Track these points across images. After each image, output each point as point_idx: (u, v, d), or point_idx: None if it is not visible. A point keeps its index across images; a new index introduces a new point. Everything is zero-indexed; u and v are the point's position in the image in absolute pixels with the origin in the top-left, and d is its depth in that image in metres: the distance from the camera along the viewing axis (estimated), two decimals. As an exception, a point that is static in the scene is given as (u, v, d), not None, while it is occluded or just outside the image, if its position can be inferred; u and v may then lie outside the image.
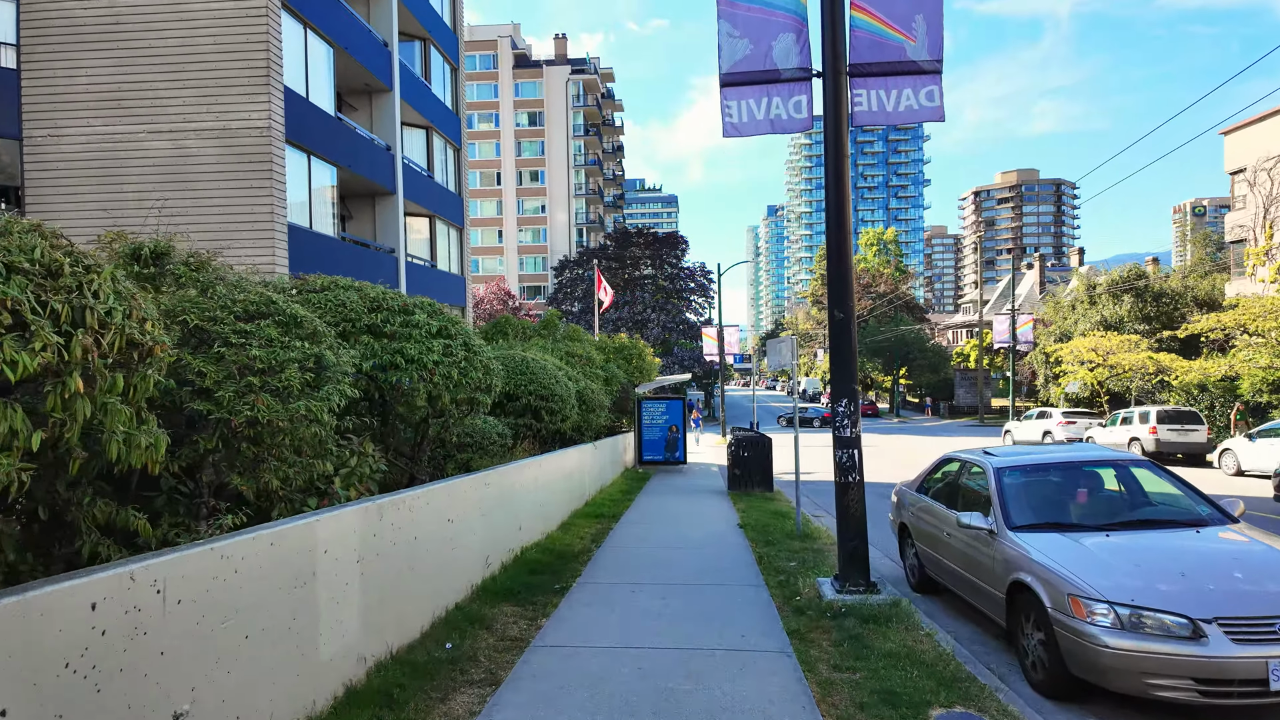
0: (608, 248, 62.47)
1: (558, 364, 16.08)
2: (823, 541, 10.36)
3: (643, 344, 24.26)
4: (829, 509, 14.96)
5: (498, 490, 8.11)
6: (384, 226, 21.77)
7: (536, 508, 10.01)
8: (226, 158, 15.35)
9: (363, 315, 7.01)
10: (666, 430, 22.47)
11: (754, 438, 16.61)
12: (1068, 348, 34.29)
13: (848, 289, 7.01)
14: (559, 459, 11.89)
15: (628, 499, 15.30)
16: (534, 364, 13.12)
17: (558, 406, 13.09)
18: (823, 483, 19.16)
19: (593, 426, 15.80)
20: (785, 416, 52.90)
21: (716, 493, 16.63)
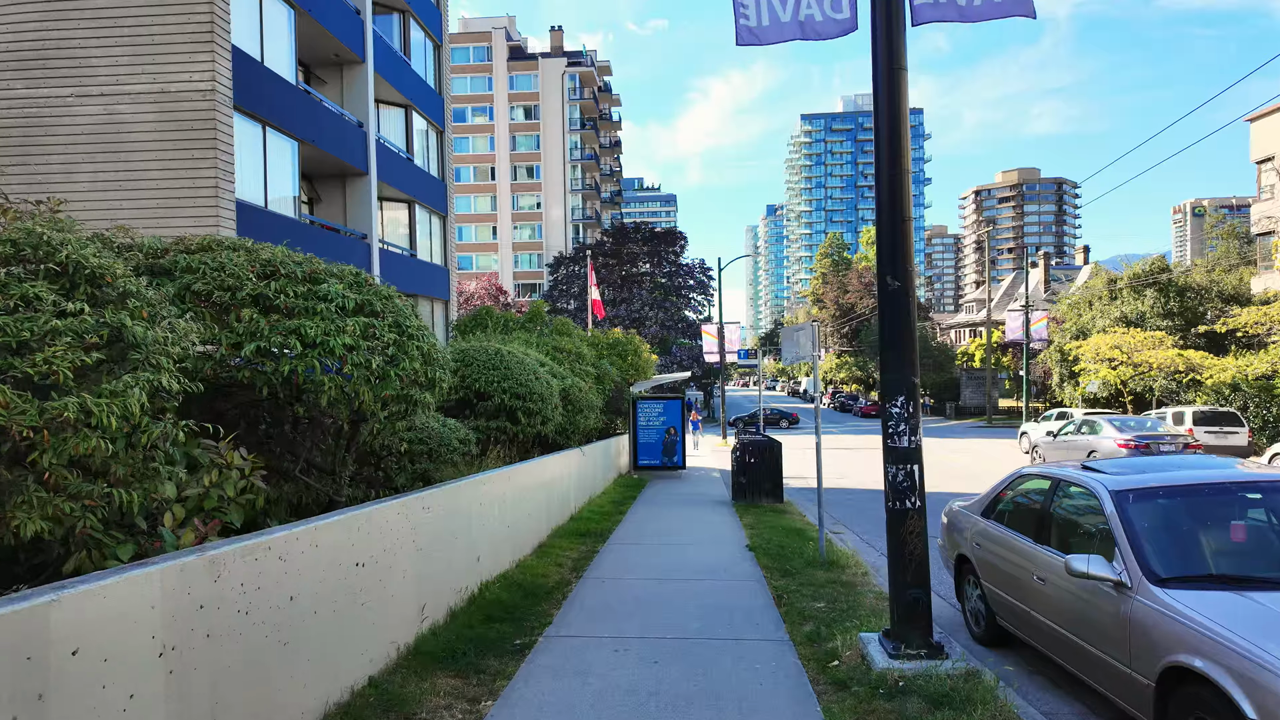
0: (605, 244, 60.69)
1: (541, 359, 14.28)
2: (853, 571, 8.54)
3: (638, 339, 22.47)
4: (847, 523, 13.16)
5: (442, 514, 6.29)
6: (356, 210, 19.95)
7: (504, 530, 8.20)
8: (165, 124, 13.53)
9: (247, 283, 5.19)
10: (664, 433, 20.67)
11: (762, 442, 14.82)
12: (1088, 345, 32.53)
13: (905, 248, 5.21)
14: (536, 468, 10.08)
15: (619, 512, 13.50)
16: (509, 358, 11.31)
17: (537, 406, 11.29)
18: (832, 491, 17.38)
19: (581, 429, 14.01)
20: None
21: (719, 503, 14.82)
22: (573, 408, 13.56)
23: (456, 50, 72.39)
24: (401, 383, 5.66)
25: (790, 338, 9.47)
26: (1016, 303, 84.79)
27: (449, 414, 11.16)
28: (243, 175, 14.65)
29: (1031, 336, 37.42)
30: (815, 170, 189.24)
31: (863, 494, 17.29)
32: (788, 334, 9.58)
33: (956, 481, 18.88)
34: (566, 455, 12.29)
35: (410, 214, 23.12)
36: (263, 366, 4.97)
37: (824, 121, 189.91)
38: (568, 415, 13.45)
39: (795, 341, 9.34)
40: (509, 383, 10.97)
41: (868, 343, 68.91)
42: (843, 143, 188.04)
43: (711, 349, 40.18)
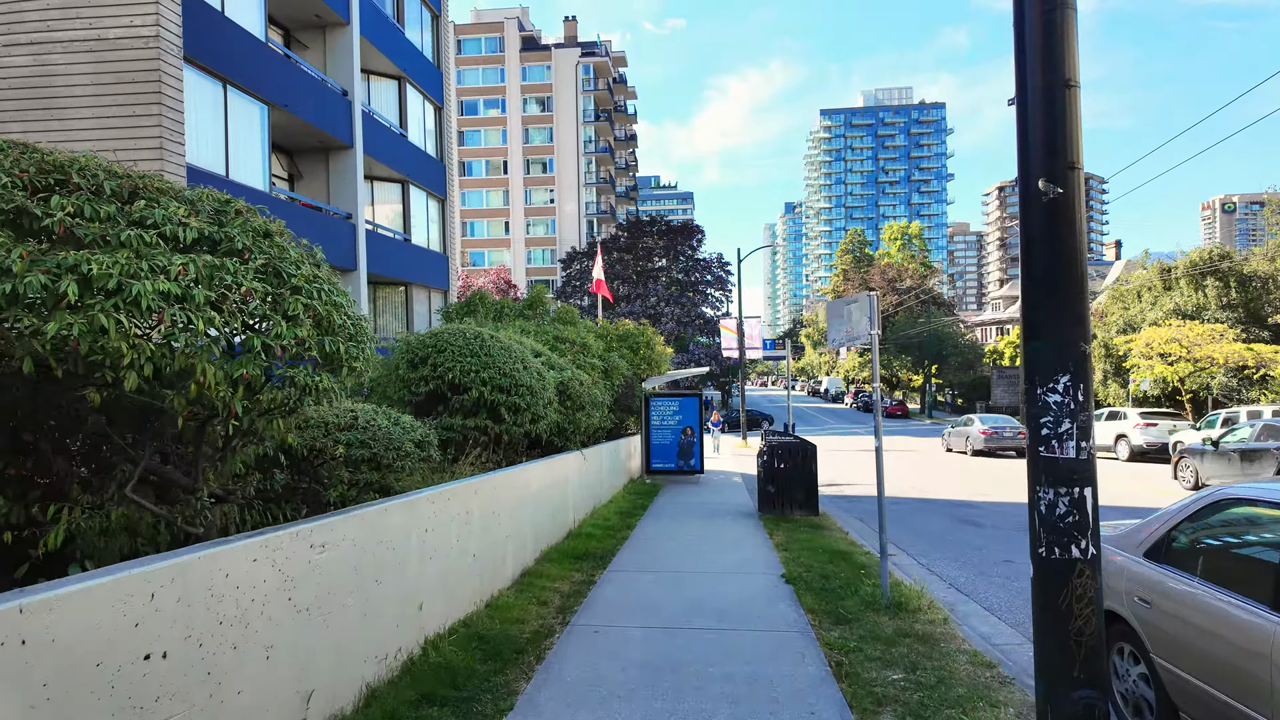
0: (619, 238, 58.74)
1: (538, 348, 12.33)
2: (927, 618, 6.47)
3: (651, 331, 20.47)
4: (893, 538, 10.81)
5: (352, 551, 4.34)
6: (340, 187, 18.13)
7: (467, 562, 6.25)
8: (103, 76, 11.73)
9: (14, 192, 3.24)
10: (679, 433, 18.65)
11: (792, 444, 12.76)
12: (1140, 339, 30.07)
13: (1069, 129, 3.20)
14: (517, 478, 8.10)
15: (627, 526, 11.50)
16: (491, 343, 9.35)
17: (525, 401, 9.32)
18: (866, 498, 15.03)
19: (582, 429, 12.04)
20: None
21: (743, 515, 12.78)
22: (572, 404, 11.59)
23: (468, 41, 70.96)
24: (275, 357, 3.71)
25: (839, 313, 7.41)
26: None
27: (419, 410, 9.24)
28: (198, 138, 12.84)
29: (1073, 331, 34.97)
30: (835, 166, 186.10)
31: (903, 502, 15.17)
32: (835, 308, 7.52)
33: (1022, 489, 16.71)
34: (562, 460, 10.31)
35: (404, 195, 21.29)
36: (17, 325, 3.03)
37: (844, 117, 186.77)
38: (566, 413, 11.48)
39: (846, 317, 7.29)
40: (489, 372, 9.02)
41: (893, 340, 66.38)
42: (863, 138, 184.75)
43: (730, 345, 38.09)
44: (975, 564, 9.47)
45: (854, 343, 7.24)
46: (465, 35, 72.32)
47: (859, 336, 7.10)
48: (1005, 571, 9.01)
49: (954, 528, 12.23)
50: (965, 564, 9.50)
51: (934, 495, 16.52)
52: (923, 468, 23.01)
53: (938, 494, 16.71)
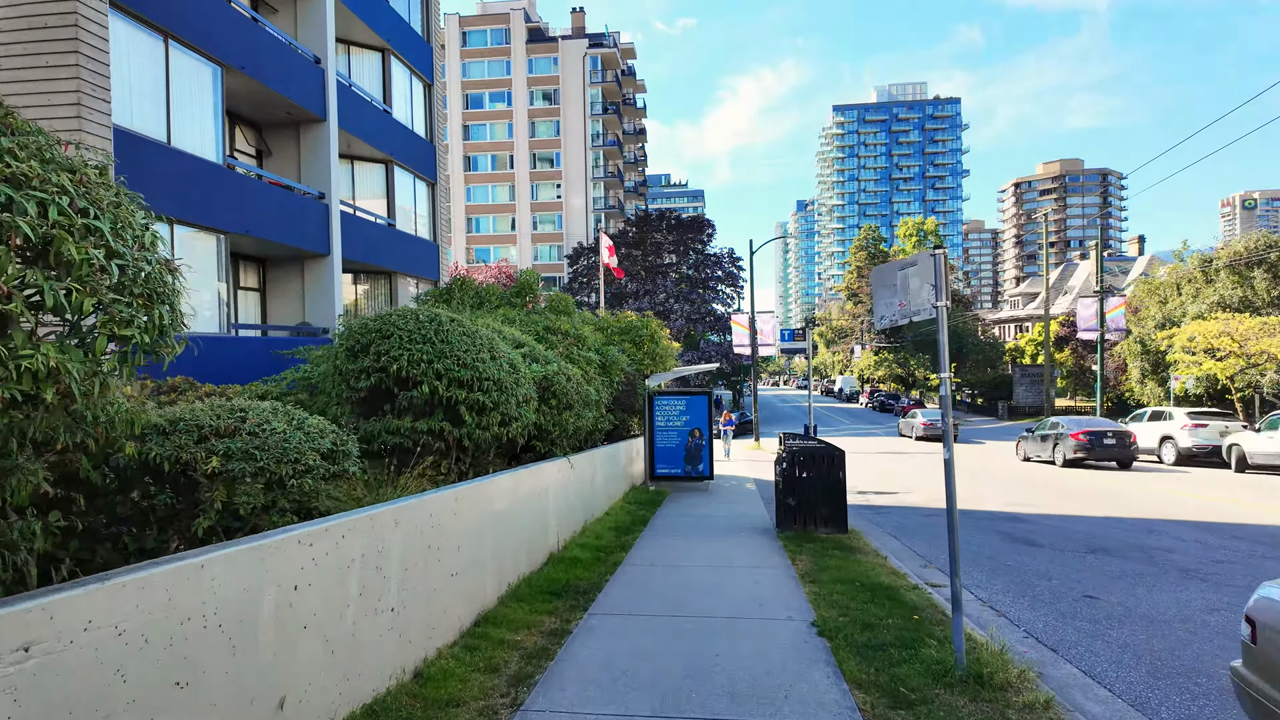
0: (628, 233, 56.99)
1: (519, 337, 10.61)
2: (1025, 700, 4.63)
3: (655, 323, 18.68)
4: (943, 564, 8.94)
5: (106, 651, 2.56)
6: (312, 164, 16.46)
7: (374, 623, 4.50)
8: (14, 21, 10.09)
9: None
10: (686, 435, 16.87)
11: (816, 450, 10.95)
12: (1182, 334, 27.99)
13: None
14: (473, 496, 6.34)
15: (622, 546, 9.74)
16: (451, 327, 7.62)
17: (492, 398, 7.58)
18: (899, 510, 13.67)
19: (571, 431, 10.29)
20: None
21: (759, 532, 10.99)
22: (558, 402, 9.84)
23: (473, 34, 69.47)
24: None
25: (889, 280, 5.59)
26: (1066, 296, 79.32)
27: (362, 411, 7.53)
28: (130, 97, 11.20)
29: (1107, 326, 32.86)
30: (848, 163, 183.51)
31: (941, 515, 13.28)
32: (885, 274, 5.71)
33: (1097, 502, 14.79)
34: (540, 470, 8.55)
35: (388, 176, 19.61)
36: None
37: (857, 113, 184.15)
38: (550, 412, 9.73)
39: (899, 286, 5.48)
40: (445, 363, 7.27)
41: (909, 338, 64.29)
42: (876, 134, 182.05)
43: (742, 341, 36.26)
44: (1049, 601, 7.63)
45: (910, 318, 5.44)
46: (470, 27, 70.79)
47: (919, 310, 5.30)
48: (1091, 612, 7.17)
49: (1009, 548, 10.39)
50: (1037, 600, 7.67)
51: (974, 505, 14.65)
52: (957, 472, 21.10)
53: (977, 503, 14.84)
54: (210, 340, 12.60)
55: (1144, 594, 7.79)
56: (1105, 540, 10.80)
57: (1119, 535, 11.22)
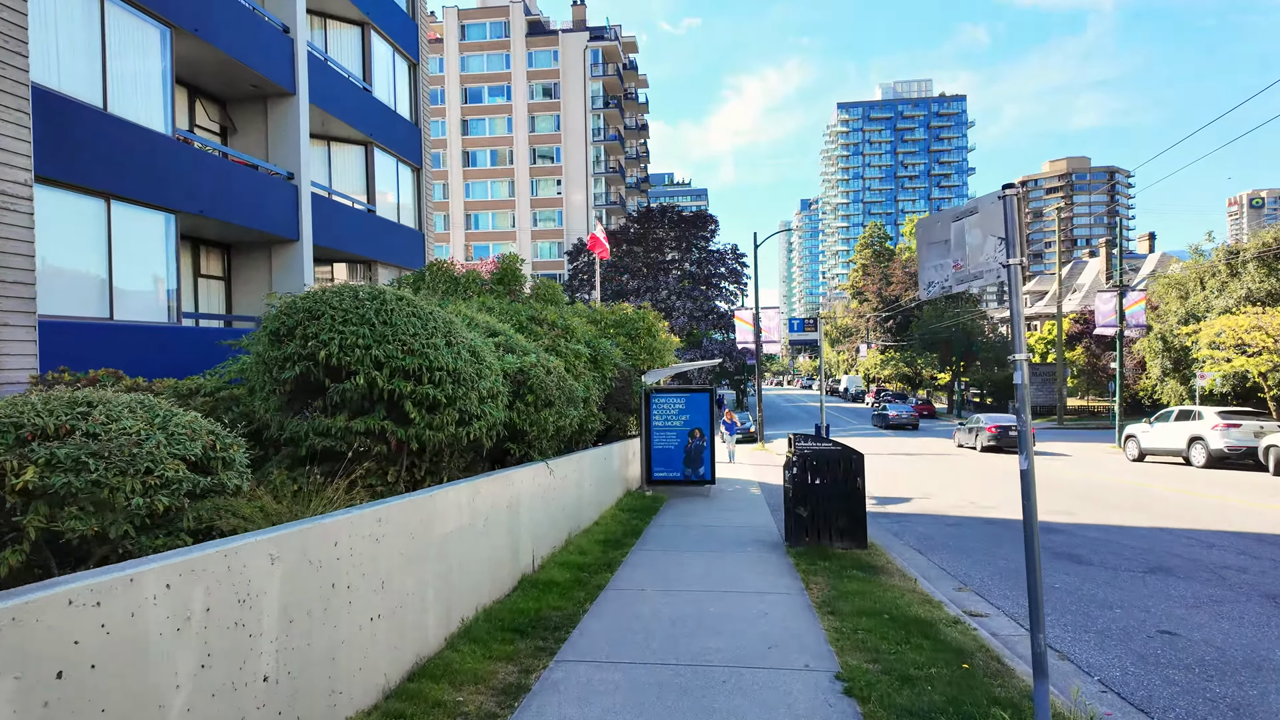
0: (629, 229, 55.72)
1: (494, 325, 9.36)
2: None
3: (654, 315, 17.38)
4: (984, 586, 7.50)
5: None
6: (280, 142, 15.19)
7: (248, 699, 3.20)
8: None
9: None
10: (686, 436, 15.58)
11: (831, 453, 9.63)
12: (1208, 330, 26.60)
13: None
14: (406, 515, 5.03)
15: (607, 566, 8.44)
16: (395, 305, 6.34)
17: (447, 393, 6.30)
18: (922, 518, 12.02)
19: (551, 431, 8.99)
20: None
21: (766, 547, 9.68)
22: (535, 398, 8.55)
23: (471, 26, 68.32)
24: None
25: (941, 234, 4.27)
26: (1075, 294, 77.76)
27: (289, 406, 6.26)
28: (58, 54, 9.94)
29: (1126, 322, 31.45)
30: (853, 161, 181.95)
31: (968, 524, 11.99)
32: (934, 227, 4.37)
33: (1136, 509, 13.40)
34: (507, 479, 7.24)
35: (368, 158, 18.34)
36: None
37: (861, 110, 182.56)
38: (526, 410, 8.44)
39: (953, 242, 4.18)
40: (387, 348, 5.99)
41: (917, 336, 62.89)
42: (881, 132, 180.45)
43: (746, 338, 34.92)
44: (1119, 638, 6.32)
45: (969, 284, 4.14)
46: (469, 20, 69.56)
47: (982, 271, 4.00)
48: (1177, 655, 5.85)
49: (1053, 565, 9.07)
50: (1104, 638, 6.35)
51: (1002, 513, 13.32)
52: (976, 477, 19.76)
53: (1006, 511, 13.51)
54: (153, 330, 11.35)
55: (1233, 629, 6.47)
56: (1162, 556, 9.47)
57: (1175, 549, 9.88)
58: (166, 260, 11.85)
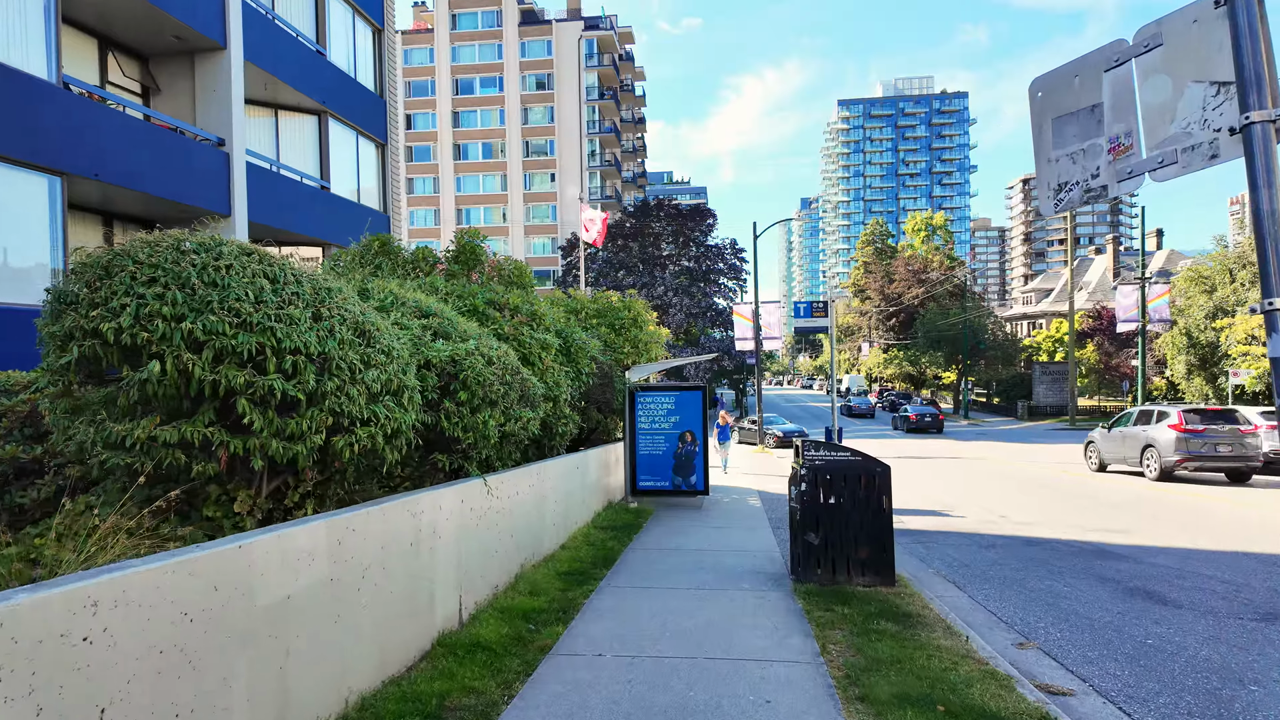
0: (625, 224, 53.84)
1: (427, 304, 7.48)
2: None
3: (640, 304, 15.46)
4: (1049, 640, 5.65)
5: None
6: (210, 105, 13.28)
7: None
8: None
9: None
10: (676, 440, 13.68)
11: (848, 465, 7.69)
12: (1241, 325, 24.70)
13: None
14: (203, 574, 3.09)
15: (564, 611, 6.52)
16: (228, 257, 4.40)
17: (306, 388, 4.37)
18: (943, 535, 9.49)
19: (494, 438, 7.05)
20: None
21: (768, 581, 7.76)
22: (470, 396, 6.62)
23: (463, 16, 66.46)
24: None
25: (1079, 104, 2.40)
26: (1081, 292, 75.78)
27: (73, 404, 4.33)
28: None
29: (1149, 317, 29.56)
30: (854, 158, 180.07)
31: (1003, 543, 9.98)
32: (1059, 90, 2.49)
33: (1198, 528, 11.36)
34: (411, 504, 5.30)
35: (322, 130, 16.42)
36: None
37: (862, 107, 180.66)
38: (458, 411, 6.51)
39: (1111, 107, 2.28)
40: (209, 320, 4.06)
41: (924, 334, 61.00)
42: (883, 129, 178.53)
43: (745, 334, 33.01)
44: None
45: (1143, 176, 2.21)
46: (460, 9, 67.64)
47: (1181, 147, 2.06)
48: None
49: (1130, 607, 7.14)
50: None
51: (1041, 531, 11.39)
52: (994, 481, 17.82)
53: (1046, 528, 11.58)
54: (24, 315, 9.44)
55: None
56: (1265, 595, 7.54)
57: (1274, 583, 7.97)
58: (51, 232, 9.93)
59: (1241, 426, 17.05)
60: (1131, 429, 18.75)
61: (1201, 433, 16.94)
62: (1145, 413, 18.74)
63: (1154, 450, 17.62)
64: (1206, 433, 16.93)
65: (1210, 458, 16.81)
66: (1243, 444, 16.87)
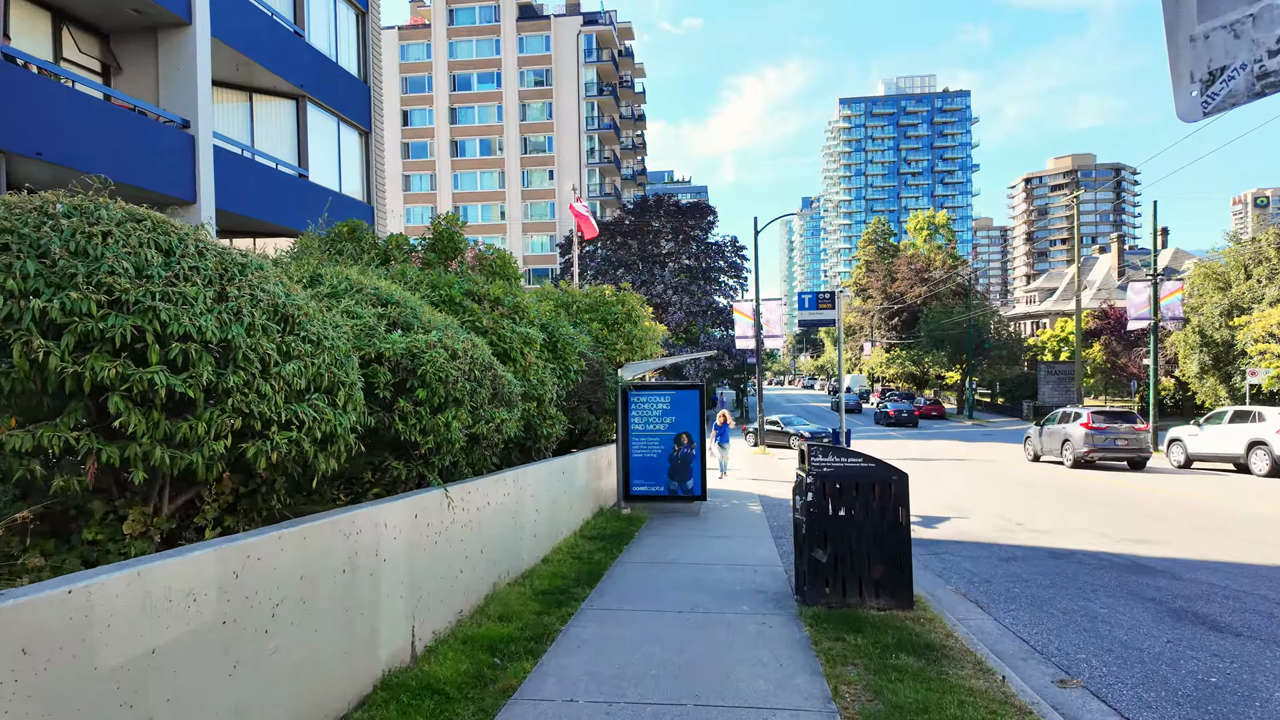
0: (624, 222, 53.02)
1: (388, 292, 6.67)
2: None
3: (635, 298, 14.63)
4: (1062, 642, 4.89)
5: None
6: (173, 83, 12.47)
7: None
8: None
9: None
10: (672, 442, 12.85)
11: (860, 472, 6.85)
12: (1261, 322, 23.84)
13: None
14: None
15: (540, 636, 5.69)
16: (107, 222, 3.56)
17: (201, 382, 3.52)
18: (959, 545, 8.45)
19: (459, 442, 6.22)
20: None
21: (770, 602, 6.93)
22: (430, 395, 5.79)
23: (460, 11, 65.70)
24: None
25: None
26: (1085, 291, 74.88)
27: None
28: None
29: (1161, 314, 28.67)
30: (855, 157, 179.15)
31: (1026, 554, 9.11)
32: None
33: (1225, 535, 10.48)
34: (345, 523, 4.46)
35: (299, 115, 15.60)
36: None
37: (864, 106, 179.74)
38: (415, 412, 5.69)
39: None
40: (71, 298, 3.22)
41: (927, 333, 60.11)
42: (884, 128, 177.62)
43: (745, 332, 32.17)
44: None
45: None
46: (457, 4, 66.83)
47: None
48: None
49: (1179, 633, 6.31)
50: None
51: (1062, 540, 10.55)
52: (1002, 485, 16.98)
53: (1067, 538, 10.73)
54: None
55: None
56: (1329, 619, 6.71)
57: (1337, 606, 7.13)
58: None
59: (1136, 425, 20.80)
60: (1055, 426, 22.35)
61: (1104, 430, 20.61)
62: (1065, 414, 22.23)
63: (1070, 444, 21.31)
64: (1108, 430, 20.60)
65: (1111, 450, 20.56)
66: (1137, 439, 20.63)
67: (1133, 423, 20.79)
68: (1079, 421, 21.07)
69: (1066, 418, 21.91)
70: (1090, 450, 20.54)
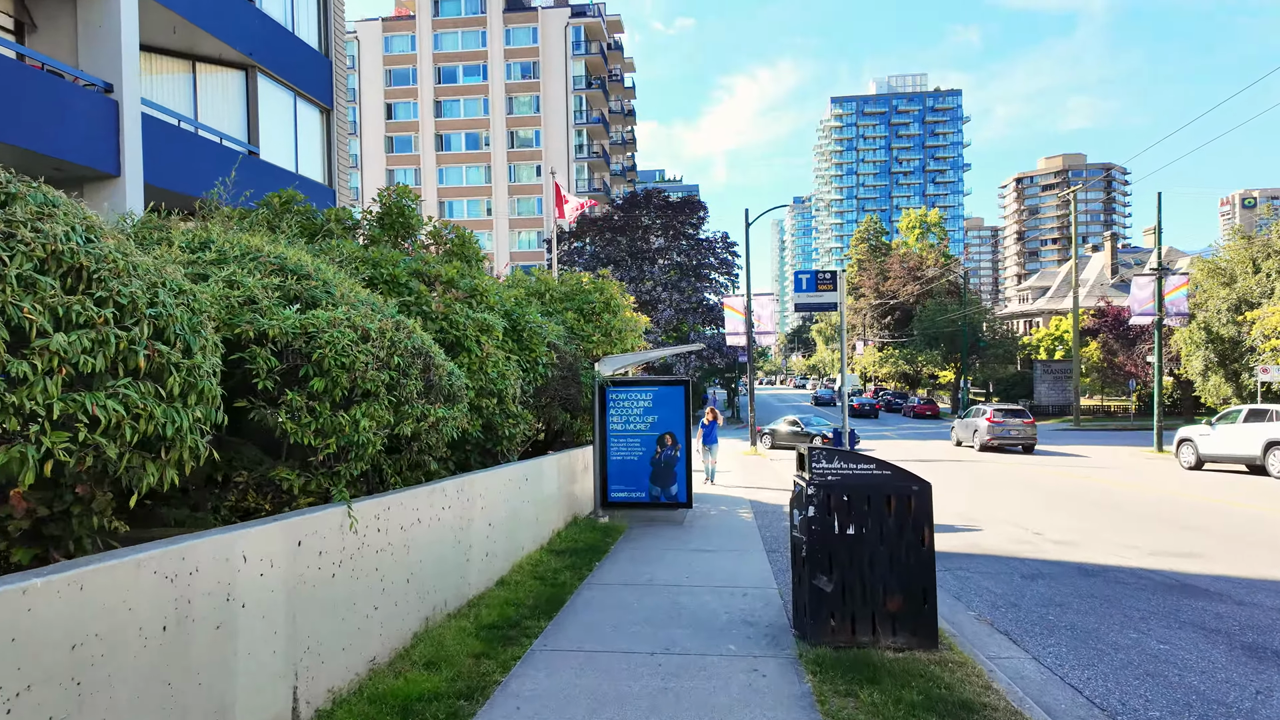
0: (613, 217, 51.76)
1: (296, 262, 5.40)
2: None
3: (614, 286, 13.40)
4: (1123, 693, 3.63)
5: None
6: (94, 42, 11.14)
7: None
8: None
9: None
10: (654, 444, 11.64)
11: (872, 483, 5.64)
12: (1273, 317, 22.82)
13: None
14: None
15: (474, 692, 4.44)
16: None
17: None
18: (999, 561, 7.15)
19: (376, 446, 5.00)
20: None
21: (763, 640, 5.72)
22: (329, 385, 4.55)
23: (446, 2, 64.32)
24: None
25: None
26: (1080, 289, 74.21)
27: None
28: None
29: (1165, 310, 27.65)
30: (846, 156, 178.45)
31: (1052, 570, 7.92)
32: None
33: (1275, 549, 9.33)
34: (172, 558, 3.21)
35: (249, 87, 14.29)
36: None
37: (855, 105, 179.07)
38: (310, 406, 4.44)
39: None
40: None
41: (920, 332, 59.15)
42: (875, 127, 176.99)
43: (736, 329, 31.00)
44: None
45: None
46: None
47: None
48: None
49: (1266, 679, 5.13)
50: None
51: (1091, 554, 9.37)
52: (1006, 488, 15.82)
53: (1096, 550, 9.56)
54: None
55: None
56: None
57: None
58: None
59: (1025, 420, 26.22)
60: (970, 419, 28.25)
61: (1003, 424, 26.21)
62: (978, 410, 28.21)
63: (978, 433, 26.89)
64: (1006, 423, 26.17)
65: (1007, 438, 26.06)
66: (1024, 431, 25.99)
67: (1024, 418, 26.30)
68: (984, 416, 26.89)
69: (979, 413, 27.69)
70: (991, 438, 26.03)
